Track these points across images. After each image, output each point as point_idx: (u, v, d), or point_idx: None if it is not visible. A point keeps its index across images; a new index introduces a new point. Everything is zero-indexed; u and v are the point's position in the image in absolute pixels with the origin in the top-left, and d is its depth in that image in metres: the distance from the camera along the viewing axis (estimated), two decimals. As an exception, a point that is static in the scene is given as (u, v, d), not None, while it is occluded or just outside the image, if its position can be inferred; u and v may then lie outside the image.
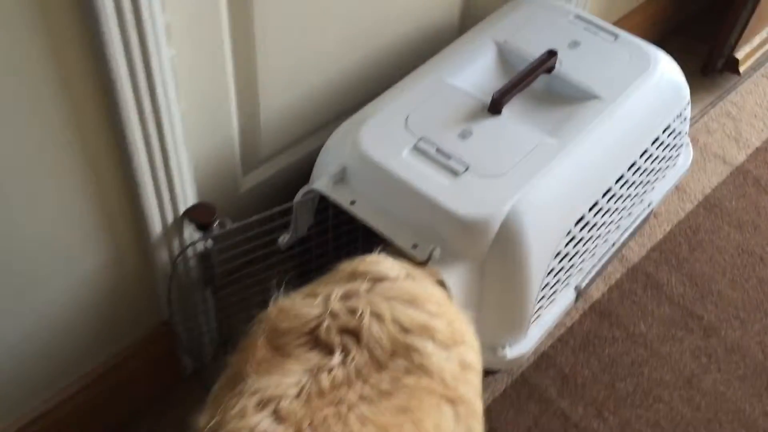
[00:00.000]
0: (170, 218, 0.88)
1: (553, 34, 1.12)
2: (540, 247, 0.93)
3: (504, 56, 1.10)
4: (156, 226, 0.87)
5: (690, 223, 1.40)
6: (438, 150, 0.96)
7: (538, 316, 1.03)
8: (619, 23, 1.54)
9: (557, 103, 1.05)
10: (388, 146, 0.96)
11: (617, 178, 1.02)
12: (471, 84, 1.05)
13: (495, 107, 1.00)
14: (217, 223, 0.94)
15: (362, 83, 1.16)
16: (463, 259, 0.91)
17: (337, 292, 0.79)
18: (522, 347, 1.03)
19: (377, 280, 0.81)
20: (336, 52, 1.08)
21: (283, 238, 1.03)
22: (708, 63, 1.66)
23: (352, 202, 0.96)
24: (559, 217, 0.96)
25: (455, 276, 0.90)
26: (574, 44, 1.11)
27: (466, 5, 1.26)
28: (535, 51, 1.08)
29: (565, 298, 1.08)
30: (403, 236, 0.92)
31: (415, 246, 0.91)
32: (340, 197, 0.96)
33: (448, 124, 0.99)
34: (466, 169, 0.94)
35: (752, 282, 1.31)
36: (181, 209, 0.89)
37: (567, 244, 0.98)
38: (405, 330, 0.74)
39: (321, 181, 0.97)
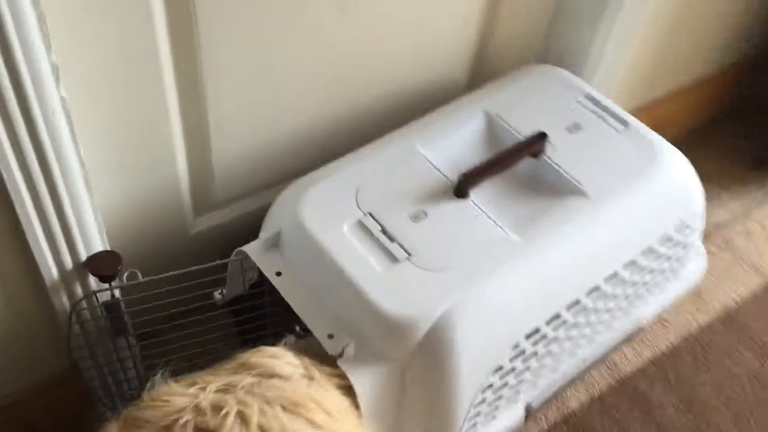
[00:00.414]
0: (68, 265, 0.81)
1: (555, 113, 1.00)
2: (475, 359, 0.81)
3: (493, 131, 0.99)
4: (51, 272, 0.80)
5: (701, 338, 1.23)
6: (382, 230, 0.85)
7: None
8: (659, 105, 1.39)
9: (537, 194, 0.92)
10: (328, 217, 0.86)
11: (589, 289, 0.89)
12: (445, 158, 0.94)
13: (461, 190, 0.89)
14: (126, 273, 0.86)
15: (340, 140, 1.07)
16: (382, 361, 0.80)
17: (215, 384, 0.70)
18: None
19: (266, 376, 0.72)
20: (308, 103, 0.99)
21: (220, 293, 0.95)
22: (763, 155, 1.48)
23: (278, 273, 0.86)
24: (505, 327, 0.83)
25: (370, 378, 0.79)
26: (575, 128, 0.98)
27: (477, 63, 1.15)
28: (529, 129, 0.96)
29: (512, 415, 0.94)
30: (321, 323, 0.82)
31: (330, 336, 0.81)
32: (267, 265, 0.87)
33: (403, 201, 0.88)
34: (408, 257, 0.83)
35: (762, 424, 1.13)
36: (83, 256, 0.82)
37: (514, 359, 0.85)
38: None
39: (252, 245, 0.88)
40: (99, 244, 0.83)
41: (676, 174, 0.95)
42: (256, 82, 0.92)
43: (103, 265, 0.82)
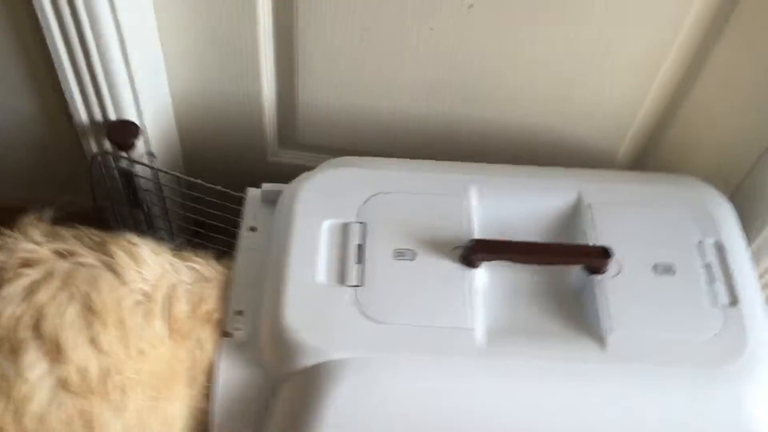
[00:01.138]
0: (96, 116, 0.84)
1: (660, 240, 0.77)
2: (342, 426, 0.69)
3: (570, 218, 0.80)
4: (80, 115, 0.85)
5: None
6: (359, 246, 0.75)
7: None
8: None
9: (558, 312, 0.73)
10: (323, 203, 0.78)
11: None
12: (494, 217, 0.78)
13: (466, 255, 0.74)
14: (147, 152, 0.88)
15: (428, 143, 0.95)
16: (259, 366, 0.71)
17: (56, 246, 0.68)
18: None
19: (106, 268, 0.68)
20: (407, 90, 0.89)
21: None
22: None
23: (252, 228, 0.81)
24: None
25: (238, 373, 0.71)
26: (666, 269, 0.75)
27: (642, 144, 0.93)
28: (614, 241, 0.76)
29: None
30: (242, 295, 0.76)
31: (239, 312, 0.75)
32: (249, 216, 0.82)
33: (405, 232, 0.76)
34: (356, 287, 0.72)
35: None
36: (112, 116, 0.84)
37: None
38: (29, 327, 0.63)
39: (256, 191, 0.84)
40: (130, 113, 0.85)
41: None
42: (354, 41, 0.85)
43: (119, 131, 0.84)
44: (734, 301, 0.73)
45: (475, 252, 0.73)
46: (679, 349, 0.70)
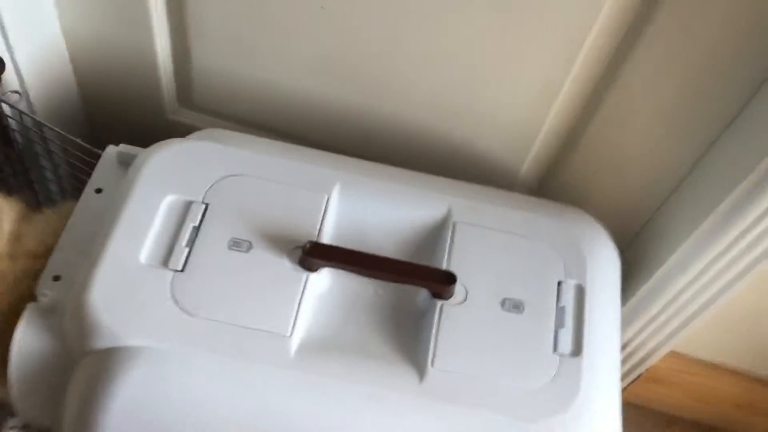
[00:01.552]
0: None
1: (522, 273, 0.72)
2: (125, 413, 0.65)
3: (435, 234, 0.74)
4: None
5: None
6: (195, 229, 0.70)
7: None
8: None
9: (389, 333, 0.68)
10: (171, 177, 0.72)
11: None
12: (354, 219, 0.73)
13: (304, 258, 0.69)
14: (12, 90, 0.83)
15: (318, 127, 0.90)
16: (59, 340, 0.67)
17: None
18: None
19: None
20: (302, 66, 0.84)
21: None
22: None
23: (98, 190, 0.77)
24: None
25: (37, 340, 0.67)
26: (514, 306, 0.70)
27: (542, 164, 0.88)
28: (471, 269, 0.71)
29: None
30: (65, 259, 0.71)
31: (56, 278, 0.70)
32: (100, 175, 0.77)
33: (249, 223, 0.71)
34: (176, 272, 0.67)
35: None
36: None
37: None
38: None
39: (114, 149, 0.79)
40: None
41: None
42: (244, 7, 0.79)
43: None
44: (577, 351, 0.68)
45: (310, 255, 0.68)
46: (500, 394, 0.65)
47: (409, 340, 0.68)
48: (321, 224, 0.72)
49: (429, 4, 0.73)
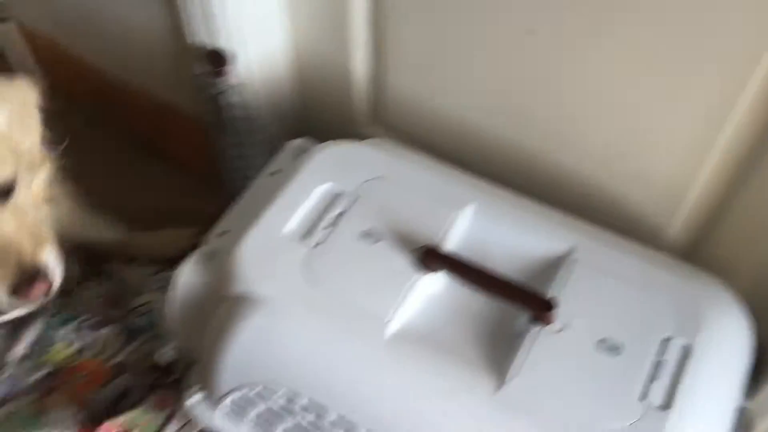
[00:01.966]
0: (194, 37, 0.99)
1: (623, 322, 0.72)
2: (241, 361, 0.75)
3: (549, 264, 0.77)
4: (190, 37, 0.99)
5: None
6: (336, 219, 0.80)
7: None
8: None
9: (482, 343, 0.72)
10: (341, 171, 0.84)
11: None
12: (481, 236, 0.79)
13: (422, 259, 0.75)
14: (226, 73, 1.00)
15: (499, 164, 0.95)
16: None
17: None
18: None
19: None
20: (491, 105, 0.91)
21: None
22: None
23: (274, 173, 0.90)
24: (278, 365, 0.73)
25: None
26: (612, 348, 0.70)
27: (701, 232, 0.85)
28: (591, 311, 0.73)
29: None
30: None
31: (223, 233, 0.84)
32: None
33: (380, 217, 0.79)
34: (312, 247, 0.77)
35: None
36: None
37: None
38: None
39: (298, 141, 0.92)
40: (225, 44, 0.97)
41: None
42: (440, 45, 0.89)
43: (212, 58, 0.97)
44: (666, 405, 0.67)
45: (426, 256, 0.75)
46: (571, 423, 0.66)
47: (498, 353, 0.71)
48: (447, 234, 0.78)
49: (629, 56, 0.76)
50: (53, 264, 0.82)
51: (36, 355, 1.11)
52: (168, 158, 1.34)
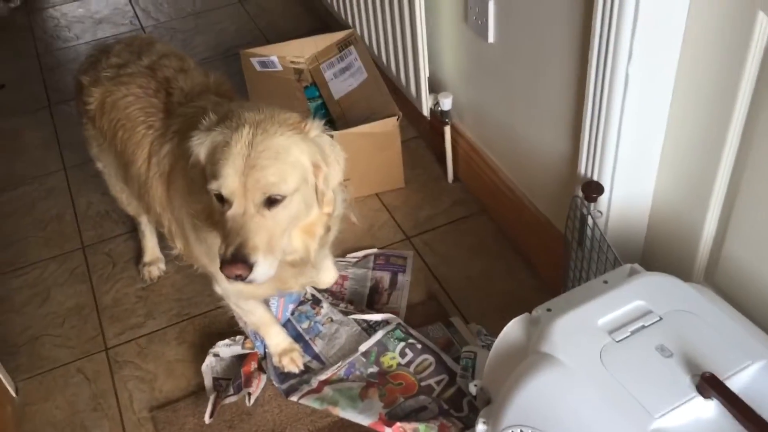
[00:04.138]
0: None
1: None
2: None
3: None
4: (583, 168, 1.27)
5: None
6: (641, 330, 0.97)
7: None
8: None
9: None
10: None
11: None
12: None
13: (700, 386, 0.88)
14: (598, 210, 1.23)
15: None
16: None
17: None
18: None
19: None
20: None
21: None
22: None
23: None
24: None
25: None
26: None
27: None
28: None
29: None
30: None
31: (549, 310, 1.06)
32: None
33: (678, 337, 0.94)
34: (611, 342, 0.96)
35: None
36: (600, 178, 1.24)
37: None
38: None
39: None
40: (603, 178, 1.22)
41: None
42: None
43: (588, 186, 1.21)
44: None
45: (706, 379, 0.88)
46: None
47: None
48: (733, 376, 0.91)
49: None
50: (261, 264, 1.05)
51: (374, 354, 1.44)
52: (522, 253, 1.63)
